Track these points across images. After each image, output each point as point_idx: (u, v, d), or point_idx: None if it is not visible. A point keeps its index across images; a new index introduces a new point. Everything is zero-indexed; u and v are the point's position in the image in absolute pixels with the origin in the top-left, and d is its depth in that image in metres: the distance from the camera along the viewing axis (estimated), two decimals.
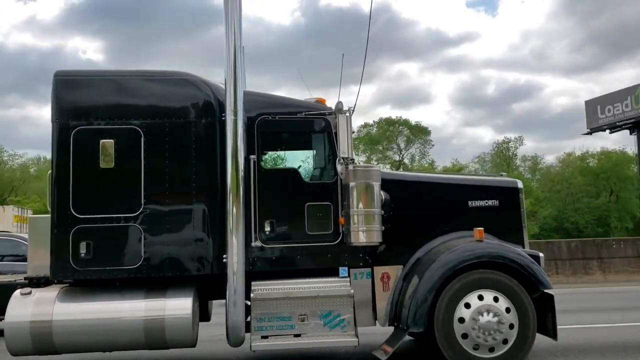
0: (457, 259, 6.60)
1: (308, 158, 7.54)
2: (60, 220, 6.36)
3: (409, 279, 6.79)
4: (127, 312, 6.30)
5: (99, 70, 6.95)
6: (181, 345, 6.47)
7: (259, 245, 6.67)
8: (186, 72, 6.81)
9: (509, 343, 6.44)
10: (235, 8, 6.53)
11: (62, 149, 6.42)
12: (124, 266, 6.38)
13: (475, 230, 6.79)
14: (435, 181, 7.56)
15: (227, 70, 6.47)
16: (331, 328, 6.58)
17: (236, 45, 6.50)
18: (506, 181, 7.58)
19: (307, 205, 6.79)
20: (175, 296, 6.41)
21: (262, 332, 6.48)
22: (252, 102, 6.83)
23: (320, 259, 6.78)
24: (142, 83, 6.75)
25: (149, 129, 6.53)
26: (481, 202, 7.25)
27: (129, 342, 6.34)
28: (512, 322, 6.46)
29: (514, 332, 6.46)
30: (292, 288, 6.60)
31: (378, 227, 6.59)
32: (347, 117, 6.53)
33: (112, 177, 6.45)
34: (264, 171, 6.80)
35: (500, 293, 6.54)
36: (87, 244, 6.32)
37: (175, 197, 6.51)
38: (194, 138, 6.60)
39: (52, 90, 6.49)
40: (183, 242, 6.51)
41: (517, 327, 6.47)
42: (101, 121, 6.49)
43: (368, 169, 6.77)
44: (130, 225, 6.41)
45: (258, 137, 6.78)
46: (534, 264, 6.73)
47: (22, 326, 6.18)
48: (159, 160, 6.51)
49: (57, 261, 6.34)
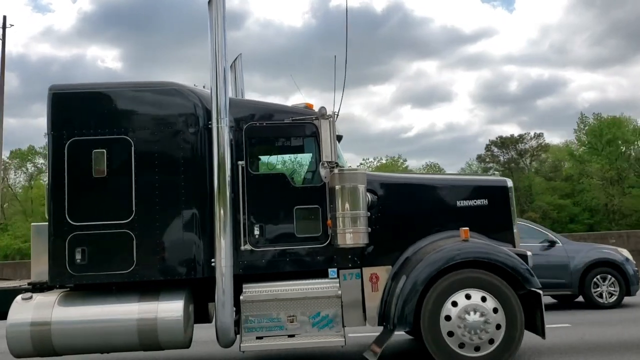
0: (443, 258, 6.67)
1: (296, 163, 7.68)
2: (56, 228, 6.65)
3: (397, 279, 6.87)
4: (122, 315, 6.55)
5: (91, 83, 7.20)
6: (174, 346, 6.69)
7: (249, 248, 6.85)
8: (174, 82, 7.04)
9: (496, 342, 6.48)
10: (219, 15, 6.71)
11: (57, 160, 6.71)
12: (117, 271, 6.63)
13: (461, 230, 6.84)
14: (423, 182, 7.63)
15: (212, 78, 6.66)
16: (320, 328, 6.71)
17: (220, 53, 6.69)
18: (495, 180, 7.63)
19: (295, 209, 6.95)
20: (167, 299, 6.64)
21: (253, 333, 6.66)
22: (239, 110, 7.03)
23: (310, 261, 6.93)
24: (132, 94, 6.99)
25: (139, 138, 6.78)
26: (470, 202, 7.29)
27: (124, 344, 6.60)
28: (498, 322, 6.50)
29: (500, 331, 6.49)
30: (281, 290, 6.76)
31: (364, 228, 6.72)
32: (330, 121, 6.66)
33: (104, 186, 6.71)
34: (253, 176, 6.97)
35: (486, 292, 6.58)
36: (82, 250, 6.59)
37: (165, 204, 6.73)
38: (182, 146, 6.81)
39: (47, 103, 6.79)
40: (173, 247, 6.73)
41: (504, 326, 6.51)
42: (93, 132, 6.76)
43: (353, 172, 6.88)
44: (123, 232, 6.65)
45: (246, 144, 6.97)
46: (521, 262, 6.74)
47: (23, 329, 6.49)
48: (149, 169, 6.75)
49: (54, 267, 6.63)
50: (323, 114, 6.69)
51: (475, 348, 6.46)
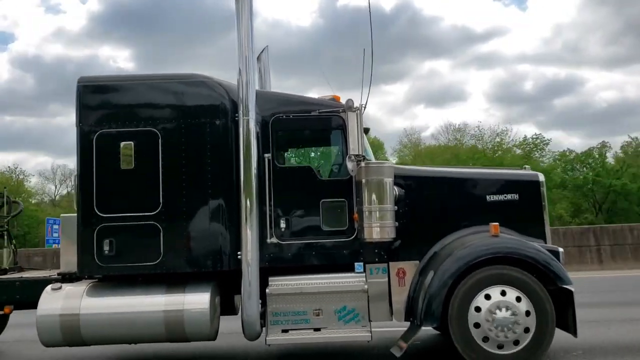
0: (472, 254, 6.55)
1: (323, 155, 7.62)
2: (85, 219, 6.71)
3: (424, 274, 6.78)
4: (149, 306, 6.59)
5: (118, 75, 7.27)
6: (200, 338, 6.71)
7: (275, 241, 6.83)
8: (201, 73, 7.01)
9: (526, 340, 6.34)
10: (245, 6, 6.64)
11: (85, 152, 6.76)
12: (144, 263, 6.66)
13: (491, 225, 6.70)
14: (452, 176, 7.47)
15: (240, 70, 6.61)
16: (346, 323, 6.67)
17: (248, 45, 6.64)
18: (527, 174, 7.42)
19: (322, 202, 6.89)
20: (194, 291, 6.65)
21: (278, 326, 6.64)
22: (266, 102, 6.98)
23: (336, 255, 6.88)
24: (159, 86, 6.98)
25: (166, 130, 6.78)
26: (500, 197, 7.15)
27: (151, 335, 6.64)
28: (528, 319, 6.37)
29: (531, 329, 6.35)
30: (307, 283, 6.73)
31: (391, 223, 6.63)
32: (357, 114, 6.58)
33: (132, 178, 6.73)
34: (279, 169, 6.93)
35: (516, 289, 6.44)
36: (110, 241, 6.64)
37: (192, 196, 6.73)
38: (209, 138, 6.79)
39: (76, 96, 6.83)
40: (200, 239, 6.73)
41: (535, 323, 6.36)
42: (121, 125, 6.78)
43: (380, 165, 6.81)
44: (150, 224, 6.67)
45: (272, 136, 6.93)
46: (552, 259, 6.59)
47: (53, 319, 6.57)
48: (176, 161, 6.75)
49: (83, 258, 6.69)
50: (350, 106, 6.60)
51: (505, 345, 6.33)
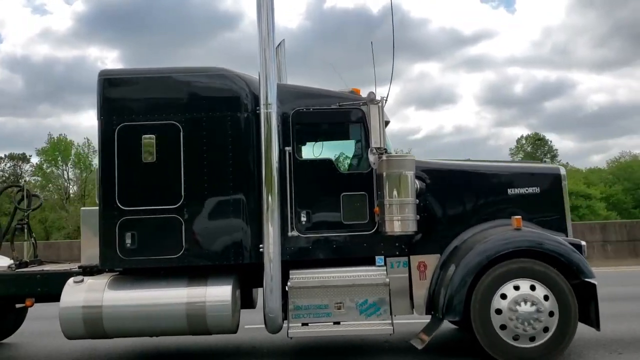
0: (493, 247, 6.52)
1: (343, 148, 7.59)
2: (107, 213, 6.72)
3: (446, 268, 6.76)
4: (171, 299, 6.60)
5: (139, 68, 7.22)
6: (222, 331, 6.73)
7: (296, 235, 6.82)
8: (222, 67, 6.99)
9: (549, 333, 6.32)
10: (266, 1, 6.62)
11: (107, 145, 6.76)
12: (166, 256, 6.67)
13: (513, 218, 6.68)
14: (473, 169, 7.43)
15: (260, 63, 6.60)
16: (367, 316, 6.66)
17: (269, 38, 6.62)
18: (548, 168, 7.40)
19: (342, 195, 6.88)
20: (216, 284, 6.66)
21: (300, 319, 6.65)
22: (287, 95, 6.96)
23: (357, 248, 6.87)
24: (180, 79, 6.97)
25: (187, 123, 6.77)
26: (521, 190, 7.12)
27: (173, 328, 6.66)
28: (551, 311, 6.34)
29: (553, 322, 6.33)
30: (328, 276, 6.73)
31: (413, 216, 6.59)
32: (379, 107, 6.54)
33: (154, 171, 6.74)
34: (300, 162, 6.92)
35: (538, 282, 6.42)
36: (132, 234, 6.66)
37: (213, 189, 6.74)
38: (230, 131, 6.78)
39: (97, 89, 6.83)
40: (222, 232, 6.73)
41: (557, 316, 6.35)
42: (142, 118, 6.78)
43: (402, 159, 6.77)
44: (172, 217, 6.68)
45: (293, 129, 6.91)
46: (574, 252, 6.56)
47: (75, 312, 6.60)
48: (197, 154, 6.75)
49: (105, 251, 6.71)
50: (372, 99, 6.56)
51: (529, 338, 6.31)
